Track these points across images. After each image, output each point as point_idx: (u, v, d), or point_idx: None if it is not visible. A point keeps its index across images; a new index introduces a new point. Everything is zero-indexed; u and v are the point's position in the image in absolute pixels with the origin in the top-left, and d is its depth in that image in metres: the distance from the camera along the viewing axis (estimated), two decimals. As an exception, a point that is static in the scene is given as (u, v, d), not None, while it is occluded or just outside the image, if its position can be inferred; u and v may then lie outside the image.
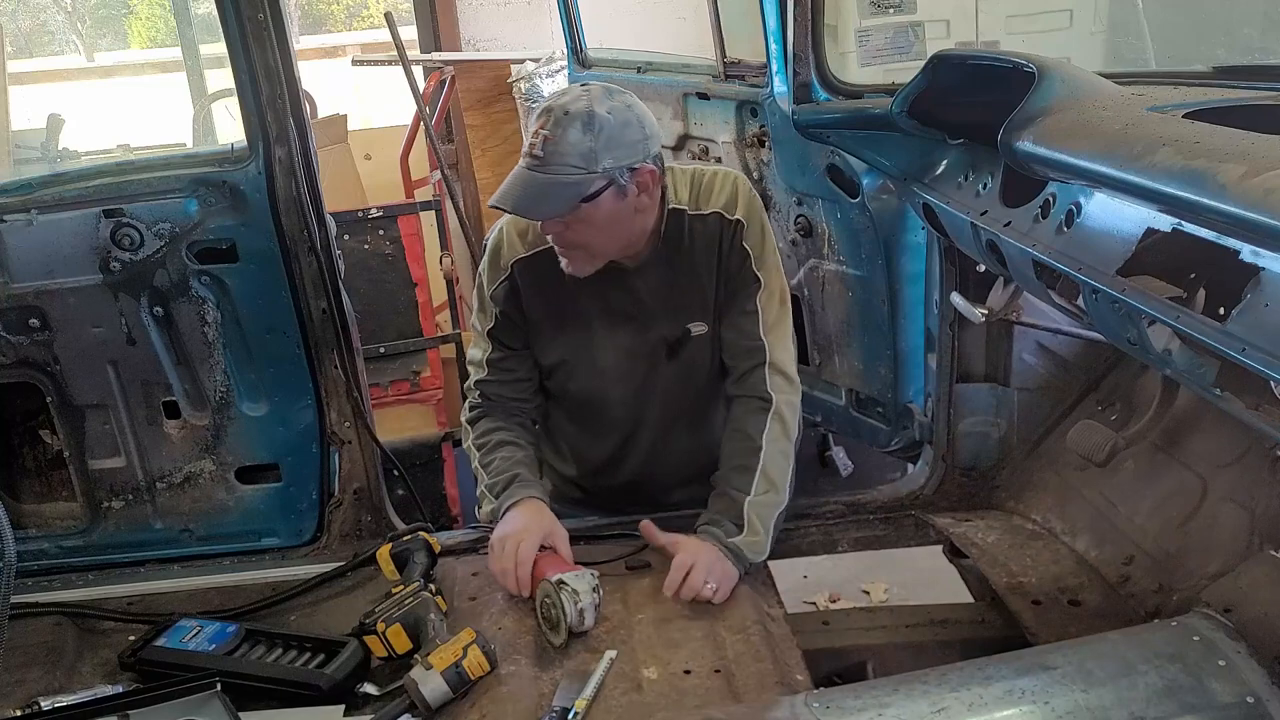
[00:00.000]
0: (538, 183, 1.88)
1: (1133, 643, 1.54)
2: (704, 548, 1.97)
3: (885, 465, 2.78)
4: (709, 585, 1.93)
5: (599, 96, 1.88)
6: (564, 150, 1.85)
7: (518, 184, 1.90)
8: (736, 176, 2.10)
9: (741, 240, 2.05)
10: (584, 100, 1.87)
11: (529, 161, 1.89)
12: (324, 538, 2.46)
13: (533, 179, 1.88)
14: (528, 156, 1.89)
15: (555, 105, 1.88)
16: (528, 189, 1.89)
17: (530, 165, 1.88)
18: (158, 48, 12.37)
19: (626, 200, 1.92)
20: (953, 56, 1.90)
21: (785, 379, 2.07)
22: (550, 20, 5.58)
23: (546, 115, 1.87)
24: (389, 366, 3.69)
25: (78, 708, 1.88)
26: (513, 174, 1.91)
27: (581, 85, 1.94)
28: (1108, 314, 1.48)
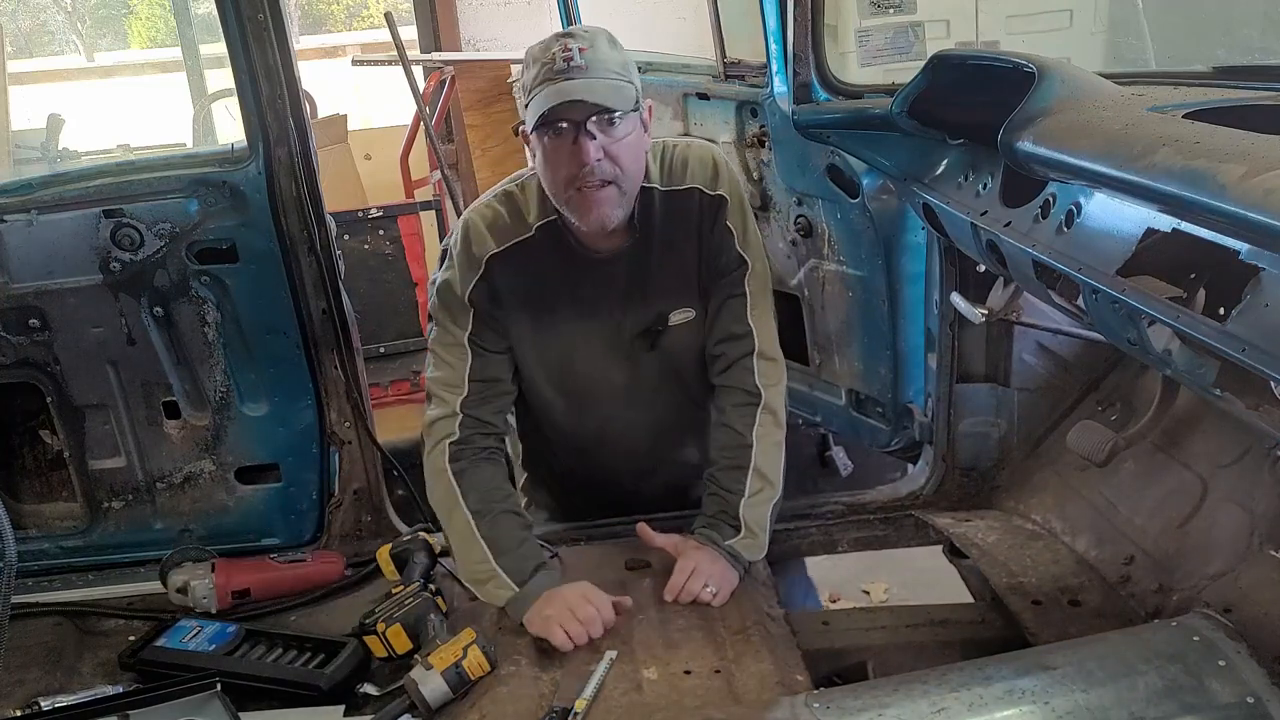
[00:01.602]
0: (591, 85, 1.75)
1: (1133, 643, 1.54)
2: (703, 550, 1.96)
3: (885, 465, 2.78)
4: (708, 589, 1.92)
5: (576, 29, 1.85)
6: (603, 58, 1.77)
7: (569, 89, 1.74)
8: (712, 149, 2.01)
9: (725, 219, 1.96)
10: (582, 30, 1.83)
11: (566, 69, 1.74)
12: (324, 538, 2.46)
13: (584, 84, 1.74)
14: (562, 71, 1.74)
15: (567, 31, 1.80)
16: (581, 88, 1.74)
17: (572, 74, 1.74)
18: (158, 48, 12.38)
19: (642, 133, 1.86)
20: (952, 56, 1.90)
21: (771, 363, 2.02)
22: (550, 20, 5.57)
23: (566, 37, 1.77)
24: (389, 366, 3.70)
25: (78, 708, 1.89)
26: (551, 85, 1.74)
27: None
28: (1108, 314, 1.48)
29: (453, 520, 1.94)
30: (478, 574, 1.92)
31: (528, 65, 1.82)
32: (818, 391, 2.78)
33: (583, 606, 1.84)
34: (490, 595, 1.91)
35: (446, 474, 1.94)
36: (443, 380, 1.99)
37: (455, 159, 5.59)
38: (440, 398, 1.99)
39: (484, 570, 1.91)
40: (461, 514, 1.92)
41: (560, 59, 1.75)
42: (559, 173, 1.83)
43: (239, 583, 2.24)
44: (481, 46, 6.13)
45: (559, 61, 1.75)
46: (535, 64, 1.80)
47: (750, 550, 1.97)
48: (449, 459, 1.95)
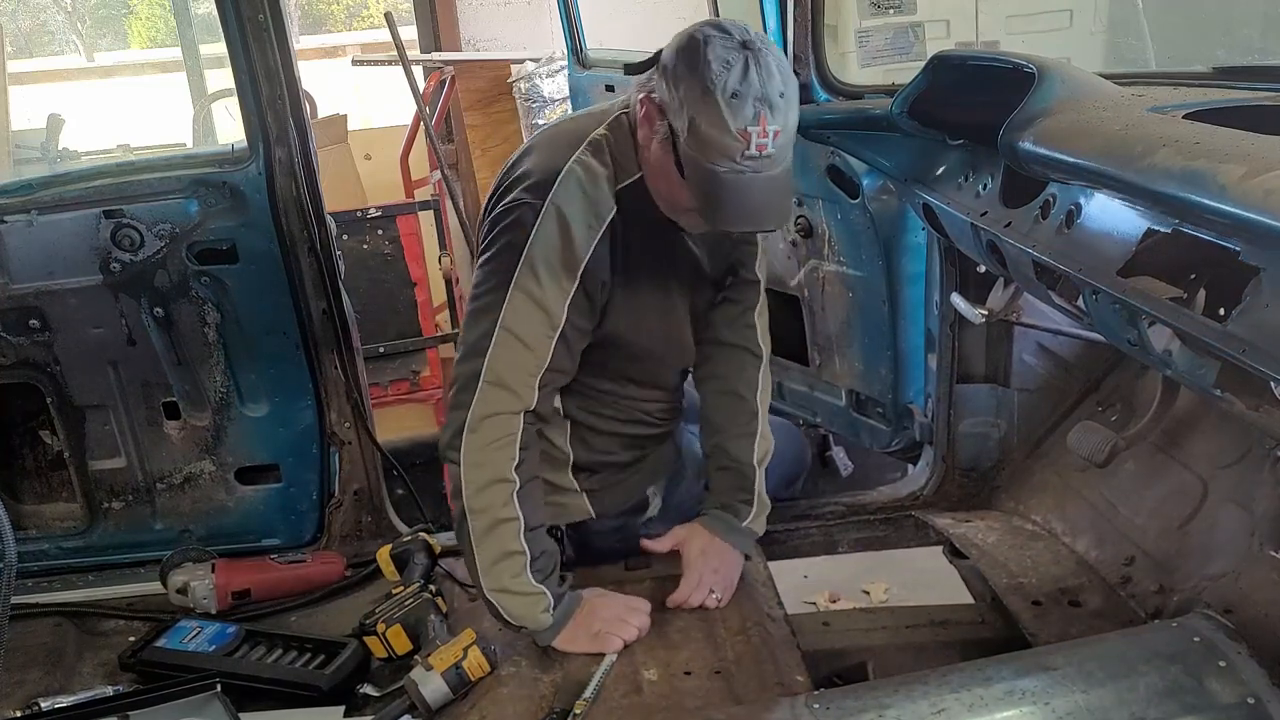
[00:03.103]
0: (779, 183, 1.65)
1: (1133, 643, 1.54)
2: (711, 548, 1.94)
3: (885, 465, 2.78)
4: (713, 595, 1.92)
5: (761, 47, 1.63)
6: (787, 142, 1.64)
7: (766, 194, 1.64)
8: None
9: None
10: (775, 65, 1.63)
11: (761, 164, 1.61)
12: (324, 539, 2.46)
13: (775, 181, 1.64)
14: (756, 159, 1.60)
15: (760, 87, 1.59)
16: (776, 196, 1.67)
17: (763, 168, 1.62)
18: (158, 48, 12.38)
19: None
20: (953, 57, 1.90)
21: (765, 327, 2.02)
22: (550, 20, 5.58)
23: (762, 105, 1.59)
24: (388, 366, 3.70)
25: (78, 709, 1.89)
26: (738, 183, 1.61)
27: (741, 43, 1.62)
28: (1108, 315, 1.48)
29: (500, 531, 1.75)
30: (512, 587, 1.77)
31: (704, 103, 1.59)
32: (818, 392, 2.78)
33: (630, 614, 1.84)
34: (526, 615, 1.79)
35: (511, 485, 1.73)
36: (518, 365, 1.72)
37: (455, 159, 5.59)
38: (508, 389, 1.72)
39: (524, 587, 1.77)
40: (515, 528, 1.74)
41: (755, 143, 1.59)
42: (684, 201, 1.72)
43: (239, 583, 2.24)
44: (481, 46, 6.13)
45: (752, 147, 1.59)
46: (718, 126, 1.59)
47: (760, 523, 1.97)
48: (515, 466, 1.73)
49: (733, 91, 1.58)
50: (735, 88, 1.58)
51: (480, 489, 1.74)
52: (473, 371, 1.73)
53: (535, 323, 1.72)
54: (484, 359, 1.72)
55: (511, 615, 1.79)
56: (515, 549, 1.75)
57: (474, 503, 1.74)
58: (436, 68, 5.39)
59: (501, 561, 1.76)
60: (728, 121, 1.58)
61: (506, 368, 1.72)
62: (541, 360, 1.74)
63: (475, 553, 1.77)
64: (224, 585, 2.22)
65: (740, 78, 1.59)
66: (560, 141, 1.79)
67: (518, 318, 1.71)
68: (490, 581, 1.78)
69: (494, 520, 1.75)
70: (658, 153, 1.72)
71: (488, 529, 1.75)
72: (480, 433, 1.72)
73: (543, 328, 1.73)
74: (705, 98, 1.59)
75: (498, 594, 1.78)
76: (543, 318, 1.72)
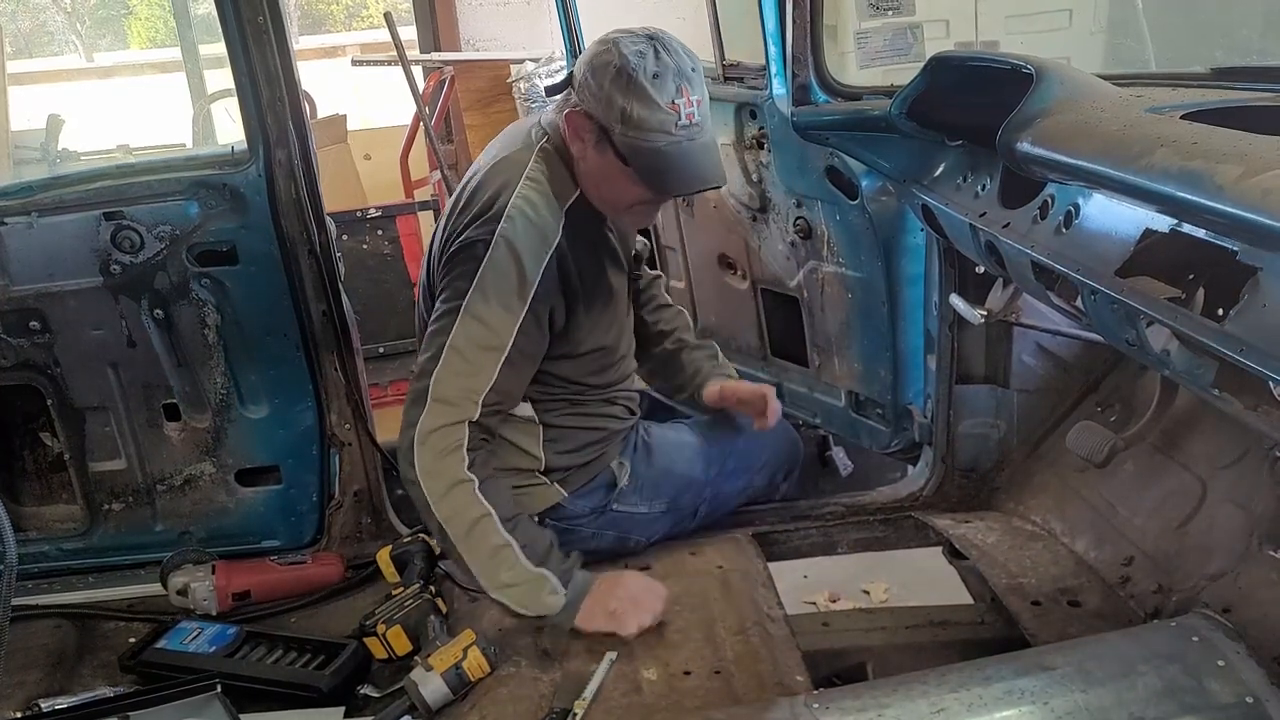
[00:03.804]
0: (711, 148, 1.84)
1: (1132, 643, 1.54)
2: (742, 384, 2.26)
3: (885, 466, 2.78)
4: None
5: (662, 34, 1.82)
6: (708, 105, 1.82)
7: (706, 157, 1.82)
8: None
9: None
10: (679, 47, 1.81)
11: (693, 132, 1.79)
12: (324, 540, 2.46)
13: (709, 146, 1.83)
14: (689, 128, 1.78)
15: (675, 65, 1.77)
16: (713, 156, 1.84)
17: (696, 135, 1.79)
18: (158, 48, 12.39)
19: None
20: (951, 58, 1.90)
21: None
22: (550, 20, 5.59)
23: (681, 79, 1.77)
24: (388, 366, 3.70)
25: (78, 710, 1.89)
26: (681, 151, 1.78)
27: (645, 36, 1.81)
28: (1106, 315, 1.48)
29: (478, 530, 1.81)
30: (510, 579, 1.82)
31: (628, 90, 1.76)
32: (817, 393, 2.78)
33: (647, 595, 1.88)
34: (533, 602, 1.83)
35: (470, 484, 1.81)
36: (462, 386, 1.83)
37: (455, 159, 5.60)
38: (449, 403, 1.82)
39: (523, 576, 1.82)
40: (491, 523, 1.81)
41: (685, 113, 1.77)
42: (629, 195, 1.89)
43: (239, 585, 2.24)
44: (481, 46, 6.14)
45: (683, 117, 1.77)
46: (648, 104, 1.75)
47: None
48: (467, 466, 1.82)
49: (653, 73, 1.76)
50: (654, 70, 1.76)
51: (442, 496, 1.82)
52: (421, 389, 1.83)
53: (481, 344, 1.83)
54: (430, 378, 1.82)
55: (521, 606, 1.83)
56: (500, 542, 1.81)
57: (442, 511, 1.82)
58: (436, 68, 5.40)
59: (492, 558, 1.81)
60: (657, 100, 1.76)
61: (451, 384, 1.82)
62: (487, 380, 1.83)
63: (465, 559, 1.83)
64: (224, 586, 2.22)
65: (655, 61, 1.77)
66: (500, 175, 1.91)
67: (466, 339, 1.82)
68: (488, 581, 1.83)
69: (468, 521, 1.81)
70: (594, 157, 1.86)
71: (466, 532, 1.81)
72: (429, 444, 1.81)
73: (489, 349, 1.83)
74: (631, 85, 1.76)
75: (500, 591, 1.83)
76: (490, 338, 1.83)
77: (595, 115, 1.81)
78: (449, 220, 1.96)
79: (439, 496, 1.81)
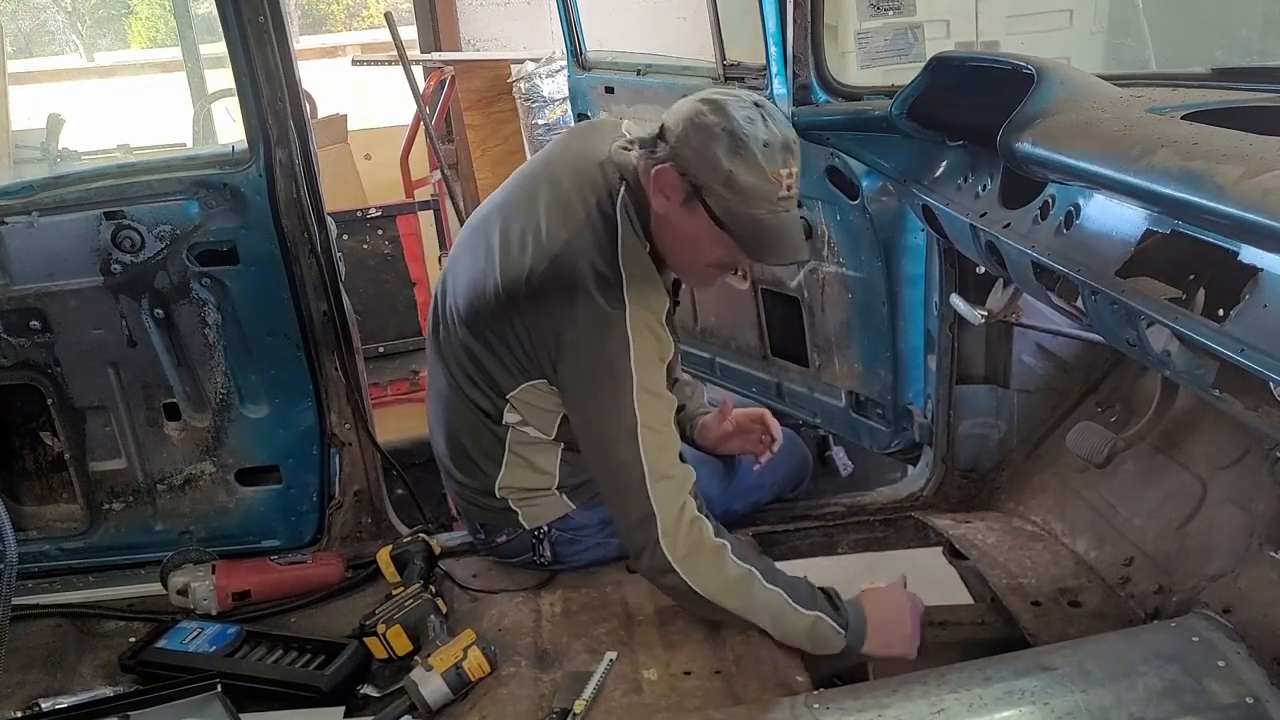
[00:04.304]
0: (798, 218, 1.87)
1: (1132, 644, 1.54)
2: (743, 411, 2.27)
3: (885, 466, 2.78)
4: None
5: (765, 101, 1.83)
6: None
7: (797, 229, 1.84)
8: None
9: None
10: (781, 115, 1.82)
11: (790, 204, 1.80)
12: (324, 540, 2.46)
13: (798, 219, 1.86)
14: (787, 199, 1.78)
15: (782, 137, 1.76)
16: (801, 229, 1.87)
17: (791, 207, 1.81)
18: (158, 48, 12.38)
19: None
20: (952, 58, 1.90)
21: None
22: (550, 20, 5.58)
23: (787, 152, 1.76)
24: (388, 366, 3.70)
25: (78, 709, 1.89)
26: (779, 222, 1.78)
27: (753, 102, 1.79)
28: (1107, 315, 1.48)
29: (749, 588, 1.81)
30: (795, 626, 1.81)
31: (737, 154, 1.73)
32: (817, 393, 2.78)
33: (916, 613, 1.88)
34: (820, 641, 1.82)
35: (726, 549, 1.81)
36: (669, 458, 1.84)
37: (455, 159, 5.60)
38: (670, 477, 1.82)
39: (804, 622, 1.81)
40: (757, 579, 1.81)
41: (785, 184, 1.76)
42: (709, 257, 1.88)
43: (239, 584, 2.24)
44: (481, 46, 6.14)
45: (784, 189, 1.76)
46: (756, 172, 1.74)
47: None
48: (714, 533, 1.82)
49: (764, 141, 1.73)
50: (765, 138, 1.73)
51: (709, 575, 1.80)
52: (633, 480, 1.81)
53: (667, 410, 1.86)
54: (641, 466, 1.80)
55: (812, 648, 1.83)
56: (772, 596, 1.80)
57: (712, 588, 1.81)
58: (436, 68, 5.40)
59: (772, 613, 1.81)
60: (765, 168, 1.73)
61: (663, 461, 1.82)
62: (677, 440, 1.87)
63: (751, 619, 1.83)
64: (224, 586, 2.22)
65: (765, 129, 1.74)
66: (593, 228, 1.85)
67: (654, 416, 1.82)
68: (777, 633, 1.83)
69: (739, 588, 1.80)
70: (681, 215, 1.82)
71: (740, 598, 1.81)
72: (679, 528, 1.79)
73: (669, 411, 1.86)
74: (741, 150, 1.73)
75: (787, 639, 1.83)
76: (667, 405, 1.86)
77: (691, 173, 1.77)
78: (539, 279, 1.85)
79: (704, 579, 1.80)
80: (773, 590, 1.80)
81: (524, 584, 2.11)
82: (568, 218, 1.88)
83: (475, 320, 1.97)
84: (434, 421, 2.19)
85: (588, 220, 1.86)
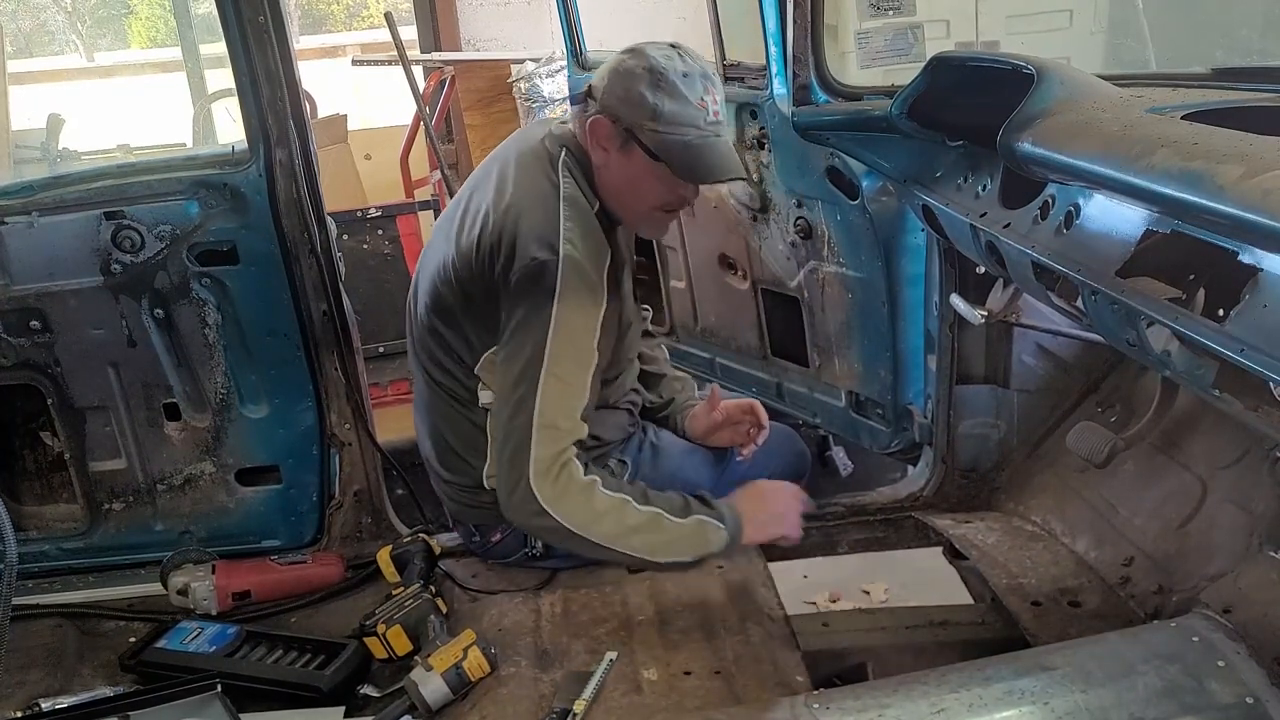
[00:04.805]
0: (730, 145, 1.93)
1: (1132, 643, 1.54)
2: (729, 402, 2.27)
3: (885, 466, 2.78)
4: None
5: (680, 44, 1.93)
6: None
7: (730, 151, 1.91)
8: None
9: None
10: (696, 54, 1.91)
11: (719, 128, 1.89)
12: (324, 540, 2.46)
13: (729, 144, 1.93)
14: (716, 124, 1.88)
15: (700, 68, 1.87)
16: (734, 152, 1.94)
17: (721, 131, 1.89)
18: (158, 48, 12.38)
19: None
20: (952, 58, 1.90)
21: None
22: (550, 20, 5.59)
23: (706, 80, 1.87)
24: (388, 366, 3.70)
25: (78, 709, 1.89)
26: (710, 144, 1.87)
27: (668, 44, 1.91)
28: (1107, 315, 1.48)
29: (624, 514, 1.85)
30: (676, 537, 1.88)
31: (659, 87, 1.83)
32: (817, 393, 2.78)
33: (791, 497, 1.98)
34: (703, 545, 1.89)
35: (596, 483, 1.85)
36: (567, 408, 1.85)
37: (455, 159, 5.60)
38: (558, 428, 1.84)
39: (684, 530, 1.87)
40: (631, 505, 1.86)
41: (711, 109, 1.86)
42: (653, 198, 1.95)
43: (239, 584, 2.24)
44: (481, 46, 6.14)
45: (710, 114, 1.86)
46: (679, 100, 1.83)
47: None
48: (583, 473, 1.86)
49: (682, 73, 1.85)
50: (683, 70, 1.86)
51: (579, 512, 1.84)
52: (521, 425, 1.83)
53: (577, 362, 1.86)
54: (532, 411, 1.82)
55: (695, 556, 1.90)
56: (646, 518, 1.86)
57: (583, 524, 1.84)
58: (436, 68, 5.40)
59: (650, 535, 1.87)
60: (688, 96, 1.84)
61: (556, 410, 1.84)
62: (584, 395, 1.87)
63: (629, 552, 1.88)
64: (224, 586, 2.22)
65: (682, 63, 1.87)
66: (536, 197, 1.91)
67: (562, 363, 1.83)
68: (658, 555, 1.89)
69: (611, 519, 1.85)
70: (619, 161, 1.91)
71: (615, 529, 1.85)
72: (547, 474, 1.82)
73: (583, 366, 1.87)
74: (662, 83, 1.84)
75: (669, 554, 1.90)
76: (583, 356, 1.86)
77: (622, 118, 1.87)
78: (488, 246, 1.89)
79: (574, 514, 1.83)
80: (647, 510, 1.86)
81: (524, 584, 2.11)
82: (515, 187, 1.94)
83: (437, 301, 2.02)
84: (419, 425, 2.21)
85: (531, 184, 1.93)
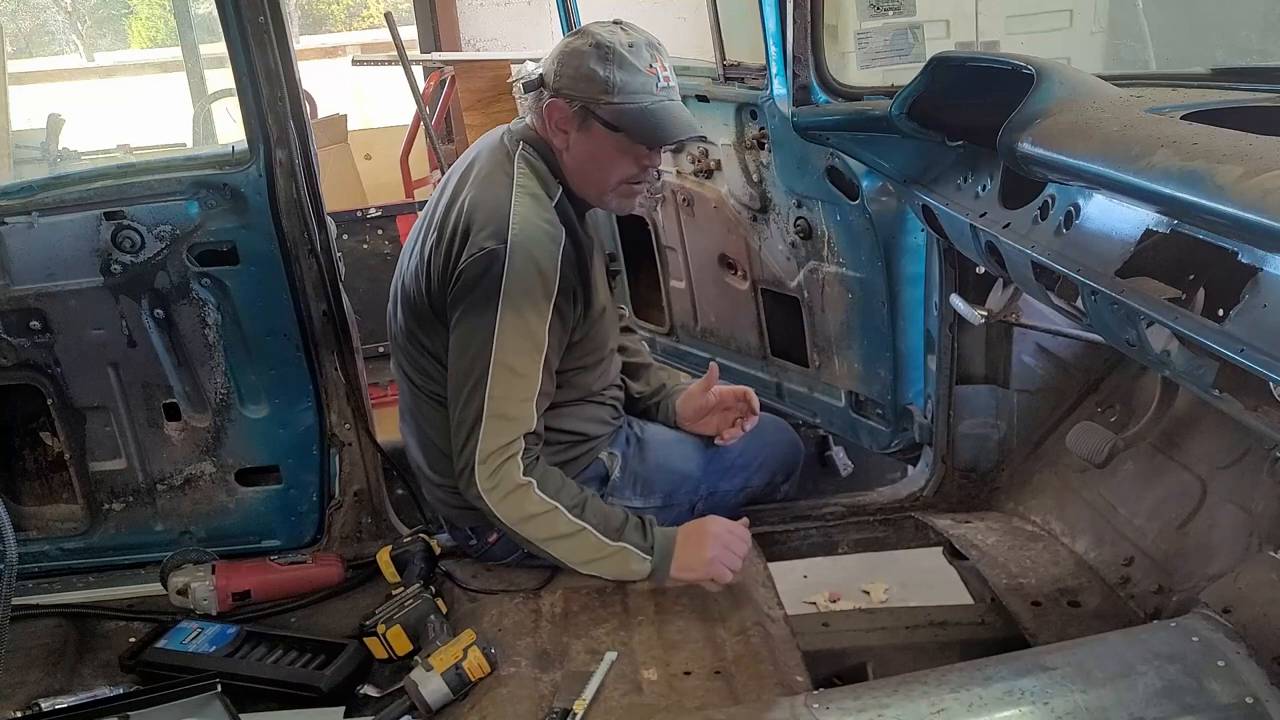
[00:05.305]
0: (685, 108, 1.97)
1: (1132, 643, 1.54)
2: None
3: (885, 466, 2.78)
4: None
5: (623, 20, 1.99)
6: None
7: (684, 112, 1.96)
8: None
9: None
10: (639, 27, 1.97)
11: (671, 92, 1.94)
12: (324, 540, 2.46)
13: (684, 107, 1.97)
14: (668, 89, 1.93)
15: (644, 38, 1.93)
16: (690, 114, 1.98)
17: (673, 95, 1.95)
18: (158, 48, 12.39)
19: None
20: (952, 58, 1.90)
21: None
22: (550, 20, 5.59)
23: (652, 49, 1.93)
24: (388, 366, 3.67)
25: (78, 709, 1.89)
26: (665, 108, 1.92)
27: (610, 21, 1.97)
28: (1107, 315, 1.48)
29: (553, 522, 1.89)
30: (599, 556, 1.91)
31: (608, 61, 1.89)
32: (817, 393, 2.78)
33: (733, 539, 1.94)
34: (624, 571, 1.92)
35: (528, 486, 1.88)
36: (516, 398, 1.87)
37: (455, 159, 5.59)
38: (506, 418, 1.87)
39: (607, 551, 1.90)
40: (560, 515, 1.89)
41: (661, 75, 1.93)
42: (617, 171, 1.98)
43: (239, 584, 2.24)
44: (481, 46, 6.14)
45: (660, 79, 1.92)
46: (629, 70, 1.89)
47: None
48: (523, 472, 1.88)
49: (628, 44, 1.91)
50: (628, 42, 1.91)
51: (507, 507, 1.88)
52: (471, 413, 1.88)
53: (525, 352, 1.87)
54: (482, 399, 1.87)
55: (615, 579, 1.95)
56: (572, 530, 1.89)
57: (512, 519, 1.89)
58: (436, 68, 5.40)
59: (573, 548, 1.91)
60: (637, 65, 1.90)
61: (505, 400, 1.87)
62: (534, 385, 1.88)
63: (552, 555, 1.93)
64: (224, 586, 2.22)
65: (625, 36, 1.92)
66: (491, 190, 1.94)
67: (509, 352, 1.86)
68: (577, 565, 1.93)
69: (538, 522, 1.89)
70: (579, 140, 1.95)
71: (541, 532, 1.90)
72: (487, 463, 1.86)
73: (531, 355, 1.88)
74: (610, 57, 1.89)
75: (588, 569, 1.93)
76: (530, 345, 1.87)
77: (576, 96, 1.91)
78: (446, 244, 1.93)
79: (504, 508, 1.88)
80: (575, 523, 1.88)
81: (524, 584, 2.11)
82: (471, 187, 1.97)
83: (411, 306, 2.04)
84: (406, 432, 2.23)
85: (486, 180, 1.97)
